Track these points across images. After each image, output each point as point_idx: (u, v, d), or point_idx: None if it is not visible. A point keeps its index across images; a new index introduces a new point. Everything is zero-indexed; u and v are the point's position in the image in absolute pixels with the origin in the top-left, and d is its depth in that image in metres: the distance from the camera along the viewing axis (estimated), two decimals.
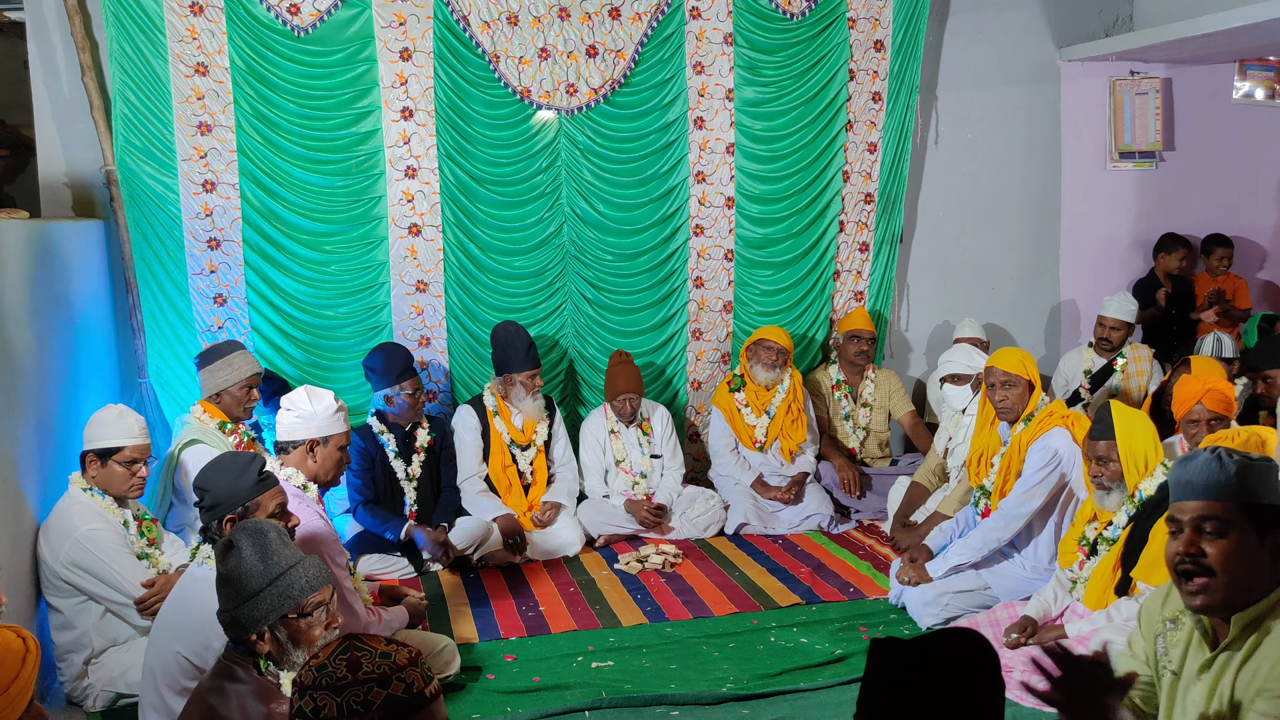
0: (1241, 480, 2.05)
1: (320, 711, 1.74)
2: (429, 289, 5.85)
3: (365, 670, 1.77)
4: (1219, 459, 2.08)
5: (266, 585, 2.46)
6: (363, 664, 1.78)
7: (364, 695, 1.76)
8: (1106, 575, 3.87)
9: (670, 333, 6.35)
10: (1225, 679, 2.06)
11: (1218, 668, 2.08)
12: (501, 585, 5.10)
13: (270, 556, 2.49)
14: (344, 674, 1.76)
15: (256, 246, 5.52)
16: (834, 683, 4.03)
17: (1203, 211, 7.31)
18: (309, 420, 3.85)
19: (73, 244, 4.88)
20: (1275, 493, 2.07)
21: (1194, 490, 2.10)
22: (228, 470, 3.15)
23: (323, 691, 1.75)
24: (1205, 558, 2.06)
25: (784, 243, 6.43)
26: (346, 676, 1.76)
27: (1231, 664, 2.06)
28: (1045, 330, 7.31)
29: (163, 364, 5.47)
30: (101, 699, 3.86)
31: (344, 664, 1.77)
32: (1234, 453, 2.10)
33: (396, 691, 1.78)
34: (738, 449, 6.10)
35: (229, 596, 2.46)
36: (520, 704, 3.91)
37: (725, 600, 4.85)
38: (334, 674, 1.76)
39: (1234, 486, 2.06)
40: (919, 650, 1.52)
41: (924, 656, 1.51)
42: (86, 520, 3.84)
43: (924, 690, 1.47)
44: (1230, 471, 2.06)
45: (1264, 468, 2.07)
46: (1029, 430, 4.54)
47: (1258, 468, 2.07)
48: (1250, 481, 2.05)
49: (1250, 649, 2.03)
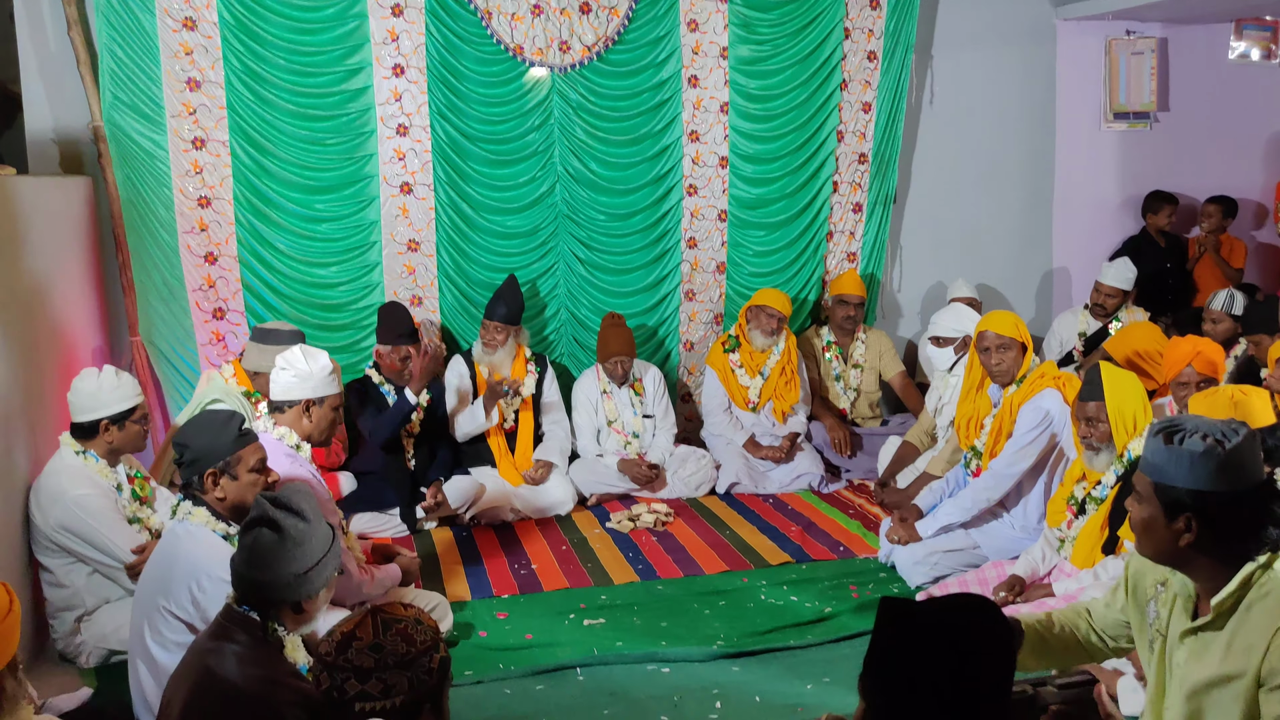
0: (1164, 460, 2.10)
1: (392, 690, 1.80)
2: (421, 248, 5.82)
3: (420, 640, 1.87)
4: (1165, 438, 2.12)
5: (331, 544, 2.52)
6: (413, 635, 1.86)
7: (427, 664, 1.86)
8: (1094, 534, 3.91)
9: (663, 293, 6.34)
10: (1211, 656, 2.09)
11: (1202, 643, 2.12)
12: (494, 543, 5.13)
13: (321, 519, 2.52)
14: (405, 649, 1.84)
15: (247, 204, 5.48)
16: (823, 640, 4.07)
17: (1195, 172, 7.31)
18: (305, 380, 3.84)
19: (61, 201, 4.84)
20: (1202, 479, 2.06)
21: (1142, 459, 2.19)
22: (208, 426, 3.15)
23: (391, 671, 1.81)
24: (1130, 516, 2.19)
25: (778, 203, 6.41)
26: (409, 651, 1.84)
27: (1216, 643, 2.09)
28: (1037, 291, 7.32)
29: (153, 321, 5.44)
30: (94, 656, 3.88)
31: (400, 639, 1.85)
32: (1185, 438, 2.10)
33: (444, 652, 1.92)
34: (730, 409, 6.12)
35: (300, 558, 2.44)
36: (512, 661, 3.94)
37: (716, 558, 4.88)
38: (395, 651, 1.83)
39: (1152, 466, 2.13)
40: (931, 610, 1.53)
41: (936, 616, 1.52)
42: (77, 485, 3.84)
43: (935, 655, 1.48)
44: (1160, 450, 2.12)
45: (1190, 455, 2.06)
46: (1020, 392, 4.55)
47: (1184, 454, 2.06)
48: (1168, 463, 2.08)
49: (1234, 629, 2.06)
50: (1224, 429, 2.09)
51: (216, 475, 3.10)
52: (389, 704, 1.78)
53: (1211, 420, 2.13)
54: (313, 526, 2.48)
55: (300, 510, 2.49)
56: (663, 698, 3.64)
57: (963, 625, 1.50)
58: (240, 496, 3.12)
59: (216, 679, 2.34)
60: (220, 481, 3.10)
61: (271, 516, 2.45)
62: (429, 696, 1.84)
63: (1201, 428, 2.09)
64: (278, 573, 2.42)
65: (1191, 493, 2.06)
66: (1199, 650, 2.11)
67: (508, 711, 3.56)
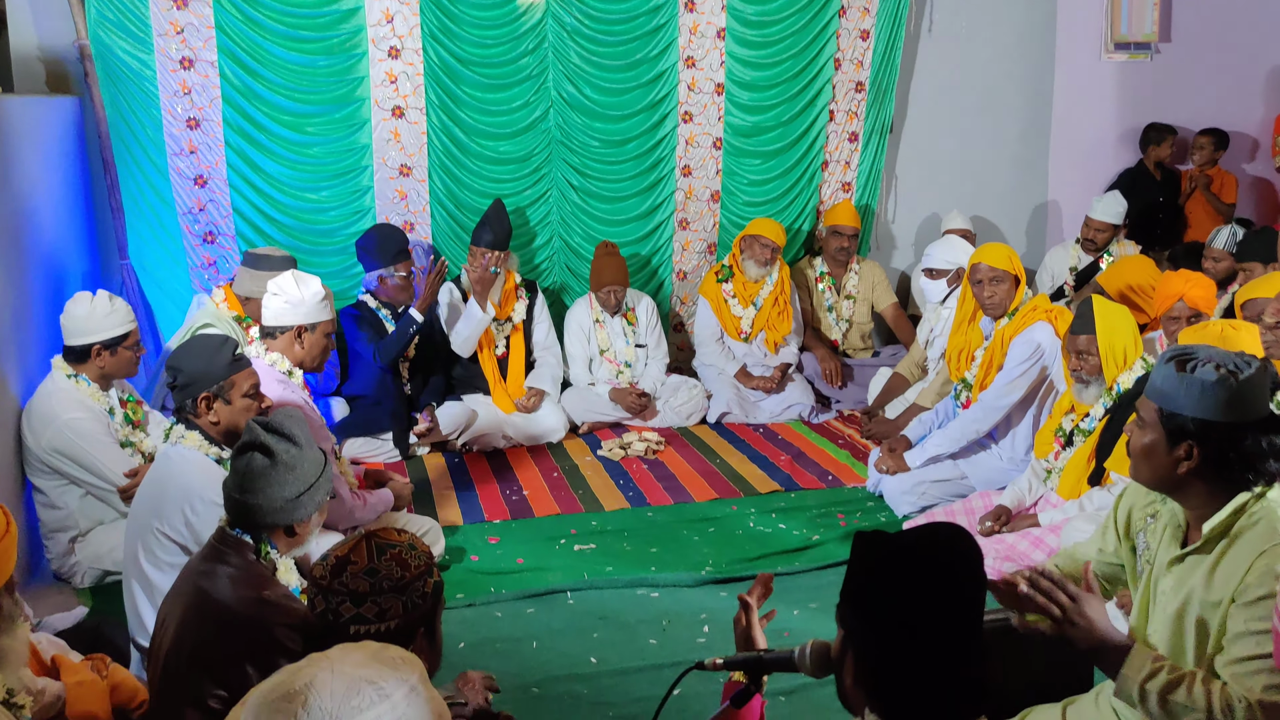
0: (1174, 387, 2.09)
1: (387, 614, 1.82)
2: (413, 173, 5.77)
3: (415, 564, 1.88)
4: (1177, 365, 2.11)
5: (323, 469, 2.53)
6: (407, 559, 1.88)
7: (421, 588, 1.88)
8: (1080, 466, 3.94)
9: (657, 222, 6.31)
10: (1195, 580, 2.11)
11: (1188, 567, 2.14)
12: (486, 470, 5.17)
13: (314, 445, 2.53)
14: (400, 573, 1.86)
15: (237, 127, 5.41)
16: (810, 567, 4.13)
17: (1194, 105, 7.24)
18: (297, 306, 3.84)
19: (47, 120, 4.78)
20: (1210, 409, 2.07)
21: (1148, 385, 2.19)
22: (201, 350, 3.15)
23: (386, 595, 1.82)
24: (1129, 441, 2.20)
25: (773, 131, 6.35)
26: (403, 575, 1.86)
27: (1201, 566, 2.11)
28: (1032, 224, 7.30)
29: (143, 245, 5.41)
30: (89, 576, 3.92)
31: (394, 564, 1.87)
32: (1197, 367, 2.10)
33: (437, 576, 1.94)
34: (723, 339, 6.13)
35: (292, 483, 2.45)
36: (503, 584, 4.00)
37: (706, 486, 4.93)
38: (390, 576, 1.84)
39: (1161, 392, 2.12)
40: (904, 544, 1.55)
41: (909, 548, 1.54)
42: (69, 408, 3.84)
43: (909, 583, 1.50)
44: (1170, 377, 2.11)
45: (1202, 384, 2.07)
46: (1012, 324, 4.56)
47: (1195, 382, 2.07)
48: (1177, 390, 2.08)
49: (1220, 554, 2.09)
50: (1237, 360, 2.09)
51: (210, 399, 3.11)
52: (384, 627, 1.80)
53: (1224, 351, 2.13)
54: (304, 451, 2.49)
55: (292, 435, 2.50)
56: (651, 622, 3.69)
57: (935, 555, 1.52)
58: (233, 421, 3.13)
59: (210, 600, 2.37)
60: (214, 406, 3.11)
61: (263, 441, 2.46)
62: (423, 620, 1.87)
63: (1215, 358, 2.09)
64: (269, 496, 2.43)
65: (1198, 421, 2.07)
66: (1184, 576, 2.14)
67: (499, 634, 3.62)
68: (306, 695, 1.25)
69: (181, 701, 2.31)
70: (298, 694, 1.25)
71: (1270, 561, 1.99)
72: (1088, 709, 2.40)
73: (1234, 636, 2.02)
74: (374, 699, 1.26)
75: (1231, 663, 2.01)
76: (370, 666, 1.30)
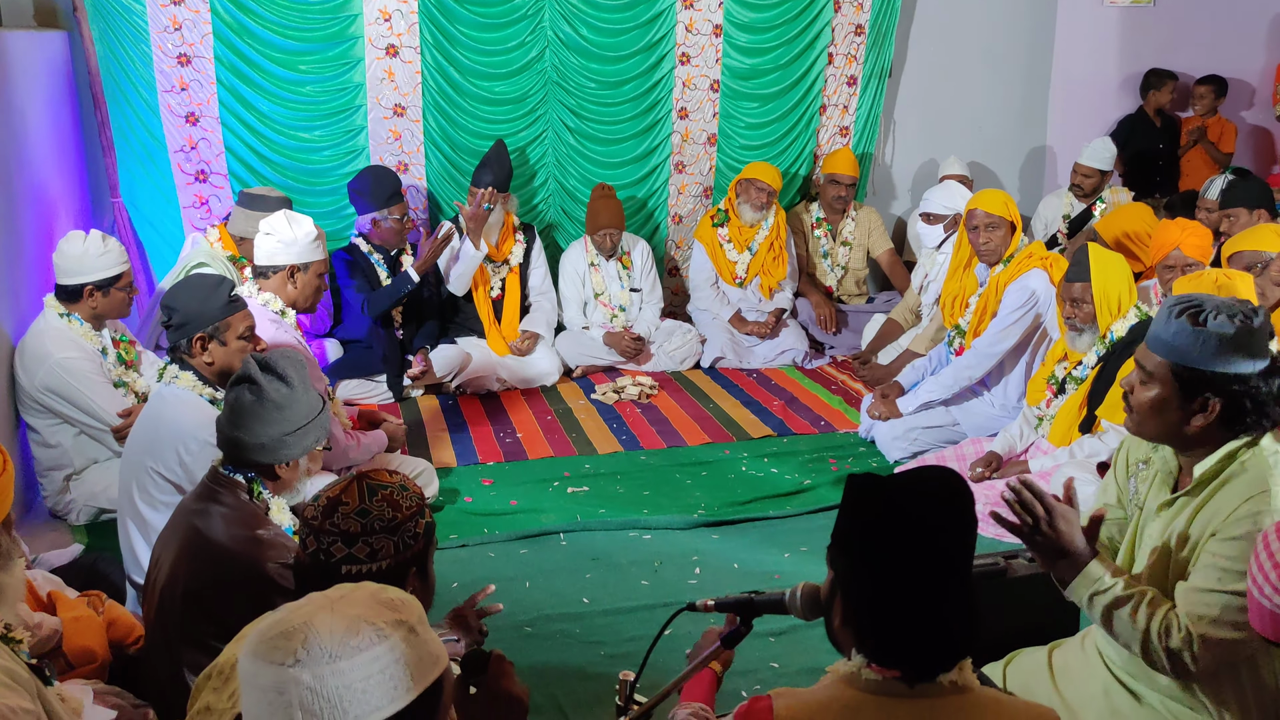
0: (1188, 342, 2.08)
1: (378, 554, 1.82)
2: (407, 113, 5.71)
3: (406, 505, 1.88)
4: (1190, 319, 2.09)
5: (316, 415, 2.53)
6: (399, 500, 1.88)
7: (413, 529, 1.88)
8: (1072, 413, 3.96)
9: (653, 165, 6.27)
10: (1180, 519, 2.14)
11: (1176, 509, 2.16)
12: (479, 412, 5.18)
13: (309, 388, 2.53)
14: (391, 514, 1.86)
15: (229, 64, 5.34)
16: (801, 511, 4.16)
17: (1195, 52, 7.17)
18: (290, 246, 3.82)
19: (36, 55, 4.71)
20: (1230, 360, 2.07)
21: (1152, 339, 2.16)
22: (197, 290, 3.13)
23: (377, 536, 1.83)
24: (1132, 396, 2.18)
25: (771, 74, 6.29)
26: (395, 516, 1.86)
27: (1188, 507, 2.13)
28: (1030, 170, 7.26)
29: (134, 183, 5.36)
30: (84, 513, 3.94)
31: (385, 505, 1.86)
32: (1206, 318, 2.09)
33: (428, 517, 1.92)
34: (717, 284, 6.12)
35: (278, 422, 2.45)
36: (497, 526, 4.03)
37: (699, 431, 4.95)
38: (382, 516, 1.85)
39: (1172, 346, 2.10)
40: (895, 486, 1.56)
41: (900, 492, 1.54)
42: (62, 348, 3.83)
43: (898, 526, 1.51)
44: (1184, 331, 2.09)
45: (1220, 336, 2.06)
46: (1007, 271, 4.56)
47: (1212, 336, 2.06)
48: (1192, 345, 2.07)
49: (1207, 496, 2.10)
50: (1243, 309, 2.09)
51: (205, 340, 3.09)
52: (375, 567, 1.81)
53: (1225, 299, 2.13)
54: (296, 392, 2.49)
55: (285, 375, 2.49)
56: (643, 563, 3.73)
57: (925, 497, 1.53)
58: (228, 362, 3.12)
59: (203, 539, 2.38)
60: (209, 347, 3.10)
61: (254, 377, 2.46)
62: (415, 560, 1.87)
63: (1223, 308, 2.09)
64: (254, 432, 2.44)
65: (1216, 374, 2.06)
66: (1170, 519, 2.16)
67: (492, 574, 3.64)
68: (305, 634, 1.26)
69: (177, 637, 2.33)
70: (296, 632, 1.26)
71: (1255, 507, 2.01)
72: (1073, 653, 2.44)
73: (1200, 567, 2.06)
74: (373, 639, 1.27)
75: (1190, 590, 2.05)
76: (369, 607, 1.31)
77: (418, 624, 1.33)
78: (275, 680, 1.24)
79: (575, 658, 3.17)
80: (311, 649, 1.24)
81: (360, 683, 1.25)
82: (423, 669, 1.31)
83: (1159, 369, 2.13)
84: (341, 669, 1.24)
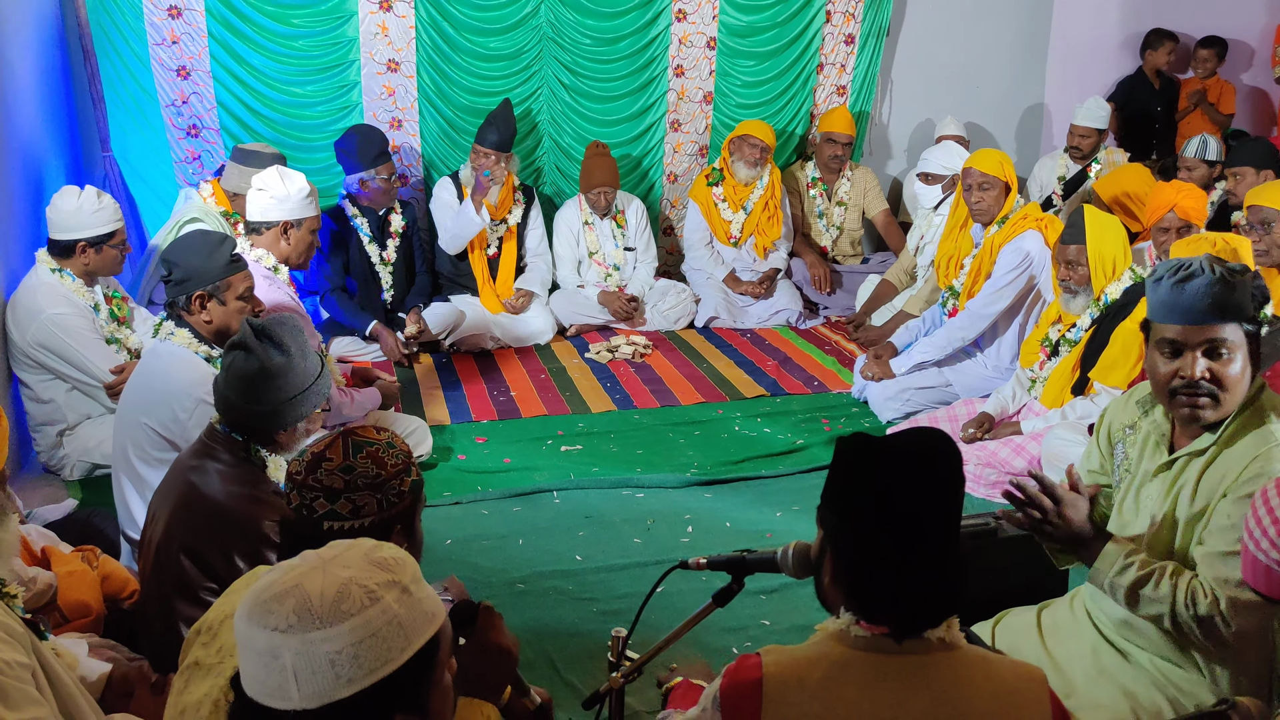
0: (1240, 299, 2.06)
1: (361, 510, 1.81)
2: (400, 69, 5.66)
3: (392, 463, 1.86)
4: (1223, 281, 2.06)
5: (313, 382, 2.51)
6: (384, 458, 1.86)
7: (398, 486, 1.86)
8: (1065, 375, 3.97)
9: (648, 123, 6.22)
10: (1186, 479, 2.14)
11: (1177, 469, 2.16)
12: (473, 370, 5.18)
13: (308, 354, 2.51)
14: (376, 471, 1.84)
15: (220, 17, 5.27)
16: (794, 470, 4.18)
17: (1196, 11, 7.11)
18: (283, 202, 3.80)
19: (24, 6, 4.64)
20: (1251, 303, 2.09)
21: (1199, 314, 2.07)
22: (199, 247, 3.10)
23: (361, 492, 1.81)
24: (1211, 380, 2.07)
25: (768, 31, 6.23)
26: (380, 474, 1.84)
27: (1194, 466, 2.13)
28: (1027, 131, 7.22)
29: (125, 137, 5.32)
30: (78, 469, 3.95)
31: (370, 462, 1.85)
32: (1230, 270, 2.07)
33: (415, 475, 1.90)
34: (712, 243, 6.10)
35: (276, 389, 2.43)
36: (490, 483, 4.04)
37: (693, 390, 4.95)
38: (366, 474, 1.83)
39: (1236, 307, 2.06)
40: (885, 446, 1.56)
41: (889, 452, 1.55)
42: (54, 304, 3.82)
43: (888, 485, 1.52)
44: (1234, 292, 2.05)
45: (1245, 282, 2.08)
46: (1002, 232, 4.55)
47: (1246, 284, 2.08)
48: (1244, 299, 2.07)
49: (1215, 453, 2.10)
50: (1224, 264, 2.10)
51: (204, 299, 3.07)
52: (358, 524, 1.80)
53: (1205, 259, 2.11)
54: (292, 360, 2.46)
55: (282, 343, 2.47)
56: (636, 521, 3.75)
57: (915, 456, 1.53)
58: (225, 322, 3.10)
59: (200, 495, 2.39)
60: (208, 305, 3.08)
61: (250, 345, 2.44)
62: (399, 518, 1.86)
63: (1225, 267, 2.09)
64: (253, 401, 2.43)
65: (1252, 318, 2.08)
66: (1172, 480, 2.17)
67: (485, 531, 3.67)
68: (296, 599, 1.26)
69: (172, 592, 2.34)
70: (288, 595, 1.27)
71: (1261, 465, 2.01)
72: (1062, 612, 2.46)
73: (1216, 529, 2.06)
74: (365, 602, 1.27)
75: (1210, 555, 2.05)
76: (361, 568, 1.31)
77: (411, 583, 1.33)
78: (269, 645, 1.25)
79: (568, 615, 3.20)
80: (303, 614, 1.25)
81: (352, 647, 1.25)
82: (417, 628, 1.31)
83: (1235, 334, 2.07)
84: (333, 634, 1.25)
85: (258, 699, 1.27)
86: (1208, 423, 2.11)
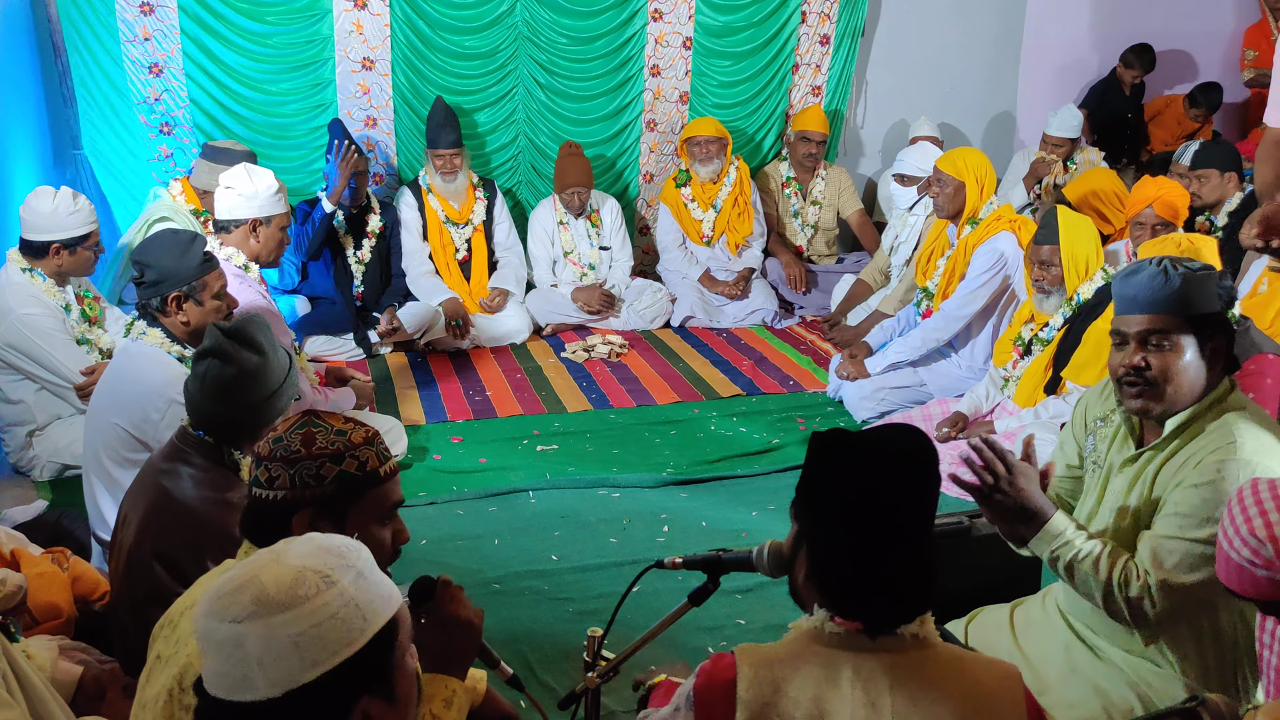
0: (1184, 292, 2.10)
1: (274, 481, 1.78)
2: (375, 66, 5.63)
3: (319, 445, 1.80)
4: (1164, 272, 2.11)
5: (284, 380, 2.48)
6: (317, 439, 1.80)
7: (316, 469, 1.78)
8: (1038, 374, 4.00)
9: (624, 123, 6.22)
10: (1147, 473, 2.16)
11: (1141, 463, 2.19)
12: (448, 369, 5.16)
13: (278, 351, 2.48)
14: (298, 448, 1.79)
15: (193, 14, 5.23)
16: (769, 470, 4.19)
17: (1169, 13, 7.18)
18: (251, 199, 3.77)
19: None
20: (1213, 300, 2.12)
21: (1139, 304, 2.14)
22: (171, 247, 3.06)
23: (277, 463, 1.78)
24: (1150, 370, 2.13)
25: (744, 31, 6.24)
26: (300, 450, 1.78)
27: (1155, 460, 2.16)
28: (1000, 133, 7.26)
29: (97, 135, 5.27)
30: (48, 470, 3.91)
31: (299, 438, 1.80)
32: (1179, 264, 2.12)
33: (349, 469, 1.80)
34: (686, 244, 6.11)
35: (252, 391, 2.41)
36: (466, 483, 4.03)
37: (668, 389, 4.96)
38: (289, 447, 1.79)
39: (1177, 299, 2.11)
40: (859, 442, 1.56)
41: (863, 448, 1.55)
42: (23, 304, 3.78)
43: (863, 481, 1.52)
44: (1175, 285, 2.10)
45: (1204, 277, 2.12)
46: (976, 233, 4.58)
47: (1199, 278, 2.11)
48: (1191, 293, 2.10)
49: (1176, 448, 2.13)
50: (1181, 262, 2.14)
51: (180, 299, 3.04)
52: (271, 495, 1.77)
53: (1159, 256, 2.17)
54: (267, 359, 2.44)
55: (254, 342, 2.44)
56: (612, 521, 3.74)
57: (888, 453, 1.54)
58: (203, 322, 3.05)
59: (172, 499, 2.36)
60: (184, 306, 3.04)
61: (226, 351, 2.40)
62: (314, 503, 1.79)
63: (1171, 260, 2.14)
64: (236, 404, 2.41)
65: (1214, 315, 2.12)
66: (1137, 473, 2.19)
67: (461, 530, 3.65)
68: (253, 589, 1.28)
69: (144, 596, 2.32)
70: (245, 587, 1.29)
71: (1220, 457, 2.04)
72: (1035, 610, 2.48)
73: (1162, 515, 2.10)
74: (321, 586, 1.29)
75: (1151, 538, 2.09)
76: (314, 555, 1.33)
77: (366, 568, 1.35)
78: (231, 635, 1.26)
79: (544, 615, 3.19)
80: (261, 602, 1.27)
81: (313, 629, 1.27)
82: (375, 610, 1.33)
83: (1175, 326, 2.11)
84: (292, 618, 1.26)
85: (222, 696, 1.28)
86: (1153, 415, 2.16)
